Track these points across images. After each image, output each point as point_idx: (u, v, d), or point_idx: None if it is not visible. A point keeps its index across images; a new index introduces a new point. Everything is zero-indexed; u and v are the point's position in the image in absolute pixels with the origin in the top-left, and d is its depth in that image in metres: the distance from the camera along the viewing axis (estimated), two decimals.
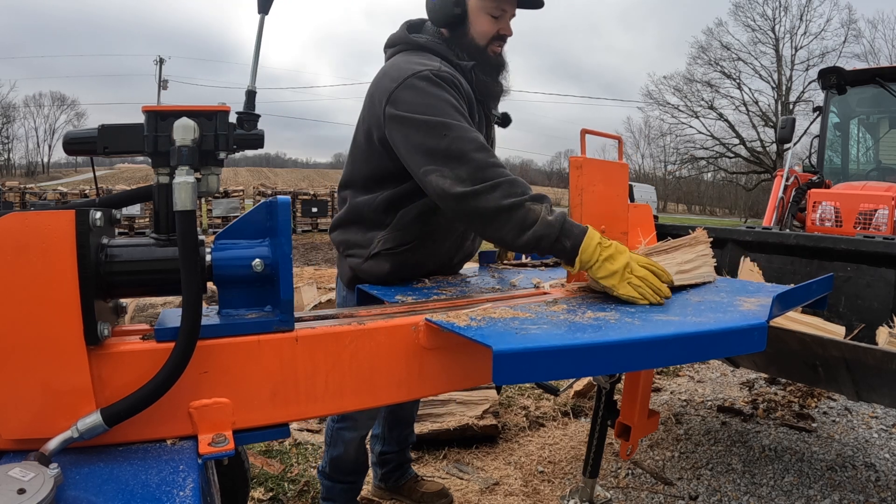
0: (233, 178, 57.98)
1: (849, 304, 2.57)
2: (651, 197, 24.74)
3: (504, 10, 1.75)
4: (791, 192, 5.54)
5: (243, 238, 1.06)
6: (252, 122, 1.10)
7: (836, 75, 5.93)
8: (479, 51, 1.78)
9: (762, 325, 1.14)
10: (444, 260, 1.87)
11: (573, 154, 1.59)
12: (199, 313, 0.90)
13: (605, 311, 1.23)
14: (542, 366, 0.94)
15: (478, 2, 1.73)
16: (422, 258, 1.79)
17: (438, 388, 1.19)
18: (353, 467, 2.11)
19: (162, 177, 1.01)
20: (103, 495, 0.82)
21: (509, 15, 1.78)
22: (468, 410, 3.02)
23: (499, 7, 1.74)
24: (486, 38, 1.77)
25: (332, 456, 2.09)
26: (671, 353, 1.07)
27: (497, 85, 1.84)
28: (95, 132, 0.99)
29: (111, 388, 0.92)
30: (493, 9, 1.73)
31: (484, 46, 1.77)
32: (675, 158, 42.25)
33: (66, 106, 59.73)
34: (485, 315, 1.15)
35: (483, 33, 1.76)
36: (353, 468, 2.11)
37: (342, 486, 2.13)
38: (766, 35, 34.94)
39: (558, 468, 2.81)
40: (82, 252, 0.87)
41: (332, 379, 1.06)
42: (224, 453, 0.94)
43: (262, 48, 1.18)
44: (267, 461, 2.71)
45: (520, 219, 1.44)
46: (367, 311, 1.26)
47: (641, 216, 1.80)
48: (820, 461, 2.90)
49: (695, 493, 2.59)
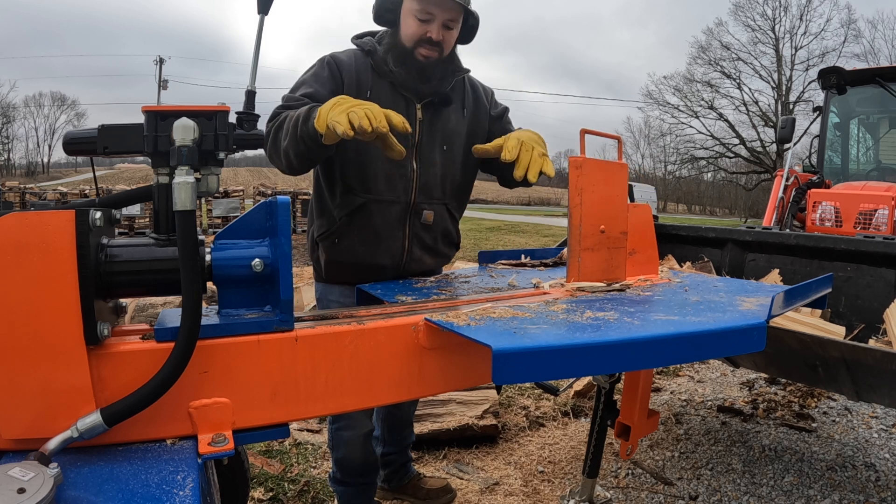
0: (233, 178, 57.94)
1: (849, 304, 2.57)
2: (651, 197, 24.73)
3: (431, 14, 1.75)
4: (791, 192, 5.54)
5: (243, 238, 1.06)
6: (252, 123, 1.10)
7: (836, 75, 5.93)
8: (406, 52, 1.81)
9: (762, 324, 1.14)
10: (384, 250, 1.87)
11: (573, 154, 1.59)
12: (198, 313, 0.90)
13: (604, 311, 1.23)
14: (541, 365, 0.94)
15: (408, 4, 1.78)
16: (354, 244, 1.85)
17: (438, 387, 1.19)
18: (361, 468, 2.09)
19: (162, 177, 1.01)
20: (103, 495, 0.82)
21: (440, 20, 1.77)
22: (468, 410, 3.02)
23: (424, 11, 1.75)
24: (411, 41, 1.79)
25: (337, 458, 2.09)
26: (671, 353, 1.07)
27: (421, 84, 1.84)
28: (95, 132, 0.99)
29: (111, 388, 0.92)
30: (418, 12, 1.76)
31: (410, 48, 1.80)
32: (675, 158, 42.29)
33: (66, 106, 59.79)
34: (484, 315, 1.15)
35: (409, 35, 1.80)
36: (361, 469, 2.09)
37: (354, 489, 2.12)
38: (766, 35, 34.98)
39: (558, 468, 2.81)
40: (82, 252, 0.87)
41: (331, 379, 1.06)
42: (224, 453, 0.94)
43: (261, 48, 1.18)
44: (267, 461, 2.71)
45: (286, 127, 1.55)
46: (367, 311, 1.26)
47: (641, 216, 1.80)
48: (820, 461, 2.90)
49: (695, 493, 2.59)
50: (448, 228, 1.99)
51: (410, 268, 1.93)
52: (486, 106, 2.04)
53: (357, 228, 1.84)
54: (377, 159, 1.80)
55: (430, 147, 1.88)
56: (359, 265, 1.86)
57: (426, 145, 1.88)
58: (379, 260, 1.87)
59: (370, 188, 1.82)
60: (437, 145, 1.90)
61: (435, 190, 1.90)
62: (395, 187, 1.83)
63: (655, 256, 1.86)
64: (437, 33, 1.77)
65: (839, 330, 2.34)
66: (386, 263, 1.88)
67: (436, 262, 2.01)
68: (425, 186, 1.88)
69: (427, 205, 1.89)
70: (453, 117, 1.94)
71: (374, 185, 1.81)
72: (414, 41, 1.79)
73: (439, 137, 1.90)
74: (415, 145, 1.85)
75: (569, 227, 1.55)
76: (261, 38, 1.18)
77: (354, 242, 1.85)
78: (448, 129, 1.92)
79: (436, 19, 1.76)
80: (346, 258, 1.87)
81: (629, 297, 1.45)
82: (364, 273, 1.86)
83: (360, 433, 2.05)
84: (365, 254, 1.85)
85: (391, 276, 1.91)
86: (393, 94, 1.84)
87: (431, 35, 1.77)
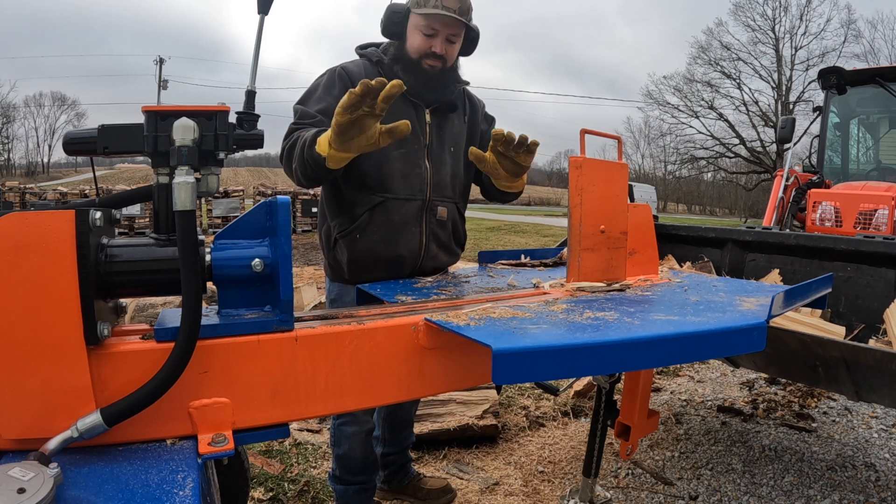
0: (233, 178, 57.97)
1: (849, 304, 2.57)
2: (651, 197, 24.75)
3: (435, 30, 1.88)
4: (791, 192, 5.54)
5: (243, 238, 1.06)
6: (252, 122, 1.10)
7: (836, 75, 5.93)
8: (413, 63, 1.93)
9: (762, 324, 1.13)
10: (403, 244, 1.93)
11: (573, 154, 1.59)
12: (198, 313, 0.90)
13: (604, 311, 1.23)
14: (541, 365, 0.94)
15: (414, 19, 1.90)
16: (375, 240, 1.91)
17: (438, 387, 1.19)
18: (362, 466, 2.12)
19: (162, 177, 1.01)
20: (103, 495, 0.82)
21: (443, 35, 1.89)
22: (468, 410, 3.02)
23: (429, 26, 1.88)
24: (417, 53, 1.92)
25: (338, 455, 2.11)
26: (671, 353, 1.06)
27: (429, 92, 1.96)
28: (95, 132, 0.99)
29: (111, 388, 0.92)
30: (423, 27, 1.88)
31: (417, 60, 1.92)
32: (675, 158, 42.29)
33: (67, 106, 59.81)
34: (484, 315, 1.15)
35: (415, 48, 1.92)
36: (362, 467, 2.12)
37: (355, 488, 2.13)
38: (766, 35, 34.98)
39: (558, 468, 2.81)
40: (82, 252, 0.87)
41: (331, 379, 1.06)
42: (224, 453, 0.94)
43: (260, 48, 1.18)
44: (267, 461, 2.71)
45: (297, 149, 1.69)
46: (367, 311, 1.26)
47: (641, 216, 1.79)
48: (820, 461, 2.90)
49: (695, 493, 2.59)
50: (458, 227, 2.11)
51: (427, 264, 2.01)
52: (480, 115, 2.20)
53: (378, 224, 1.90)
54: (394, 160, 1.90)
55: (439, 149, 2.01)
56: (379, 261, 1.92)
57: (436, 147, 2.00)
58: (400, 251, 1.93)
59: (387, 187, 1.91)
60: (446, 147, 2.03)
61: (446, 188, 2.02)
62: (411, 185, 1.93)
63: (655, 256, 1.86)
64: (440, 47, 1.90)
65: (839, 330, 2.34)
66: (405, 255, 1.95)
67: (448, 259, 2.10)
68: (438, 185, 1.99)
69: (440, 202, 2.00)
70: (457, 122, 2.08)
71: (390, 184, 1.91)
72: (420, 54, 1.91)
73: (447, 140, 2.03)
74: (426, 147, 1.97)
75: (569, 227, 1.55)
76: (261, 39, 1.18)
77: (375, 238, 1.91)
78: (454, 133, 2.06)
79: (439, 34, 1.89)
80: (367, 255, 1.92)
81: (629, 297, 1.45)
82: (385, 268, 1.92)
83: (363, 430, 2.09)
84: (385, 249, 1.91)
85: (409, 271, 1.98)
86: (403, 101, 1.92)
87: (436, 49, 1.90)
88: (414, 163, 1.93)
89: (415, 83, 1.91)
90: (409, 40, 1.93)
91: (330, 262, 2.03)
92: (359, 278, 1.91)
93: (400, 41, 1.96)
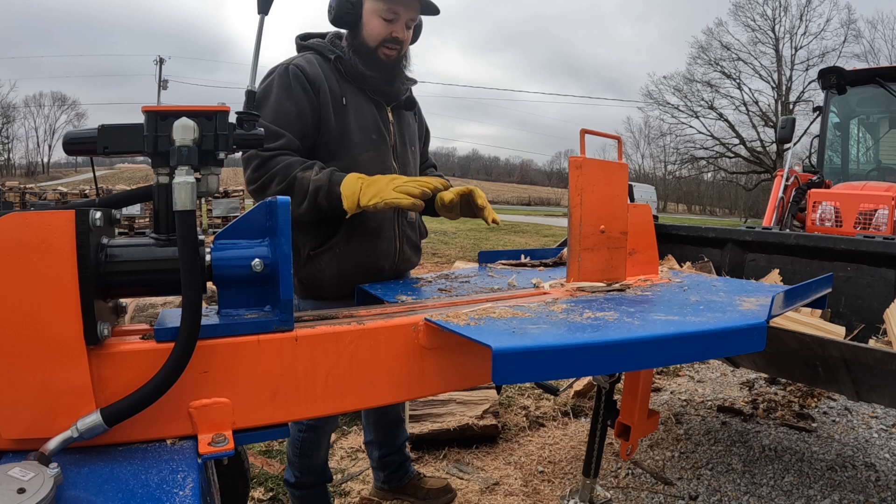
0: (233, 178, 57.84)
1: (849, 304, 2.57)
2: (651, 197, 24.75)
3: (397, 14, 1.80)
4: (791, 192, 5.54)
5: (243, 238, 1.06)
6: (252, 123, 1.10)
7: (836, 75, 5.93)
8: (370, 52, 1.84)
9: (762, 324, 1.14)
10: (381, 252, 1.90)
11: (573, 154, 1.59)
12: (198, 313, 0.90)
13: (604, 311, 1.23)
14: (541, 365, 0.94)
15: (371, 4, 1.80)
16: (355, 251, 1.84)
17: (438, 387, 1.19)
18: (323, 467, 2.15)
19: (162, 177, 1.01)
20: (103, 495, 0.82)
21: (403, 19, 1.82)
22: (468, 410, 3.02)
23: (391, 10, 1.79)
24: (376, 41, 1.83)
25: (308, 464, 2.08)
26: (671, 353, 1.07)
27: (390, 86, 1.91)
28: (95, 132, 0.99)
29: (111, 388, 0.92)
30: (384, 12, 1.79)
31: (374, 48, 1.84)
32: (675, 158, 42.29)
33: (67, 106, 59.81)
34: (484, 315, 1.15)
35: (373, 35, 1.83)
36: (323, 468, 2.15)
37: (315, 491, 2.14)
38: (766, 35, 35.00)
39: (558, 468, 2.81)
40: (82, 252, 0.87)
41: (332, 379, 1.06)
42: (224, 453, 0.94)
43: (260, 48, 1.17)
44: (267, 461, 2.71)
45: (298, 191, 1.65)
46: (367, 311, 1.26)
47: (641, 216, 1.80)
48: (820, 461, 2.90)
49: (695, 493, 2.59)
50: (419, 222, 2.12)
51: (401, 267, 2.00)
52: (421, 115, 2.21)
53: (356, 234, 1.84)
54: (364, 164, 1.83)
55: (403, 148, 1.99)
56: (360, 272, 1.86)
57: (400, 147, 1.98)
58: (379, 262, 1.90)
59: None
60: (407, 146, 2.02)
61: None
62: None
63: (655, 256, 1.86)
64: (402, 32, 1.84)
65: (839, 330, 2.34)
66: (385, 266, 1.92)
67: (417, 258, 2.10)
68: None
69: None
70: (412, 120, 2.08)
71: None
72: (379, 41, 1.83)
73: (407, 138, 2.02)
74: (392, 147, 1.94)
75: (569, 227, 1.55)
76: (261, 39, 1.17)
77: (357, 248, 1.84)
78: (411, 131, 2.06)
79: (401, 18, 1.82)
80: (352, 268, 1.84)
81: (629, 297, 1.45)
82: (367, 279, 1.87)
83: (327, 433, 2.12)
84: (366, 259, 1.87)
85: (388, 277, 1.95)
86: (366, 100, 1.89)
87: (397, 34, 1.83)
88: (383, 164, 1.87)
89: (378, 79, 1.86)
90: (365, 27, 1.82)
91: (301, 279, 1.88)
92: (340, 292, 1.85)
93: (353, 30, 1.86)
